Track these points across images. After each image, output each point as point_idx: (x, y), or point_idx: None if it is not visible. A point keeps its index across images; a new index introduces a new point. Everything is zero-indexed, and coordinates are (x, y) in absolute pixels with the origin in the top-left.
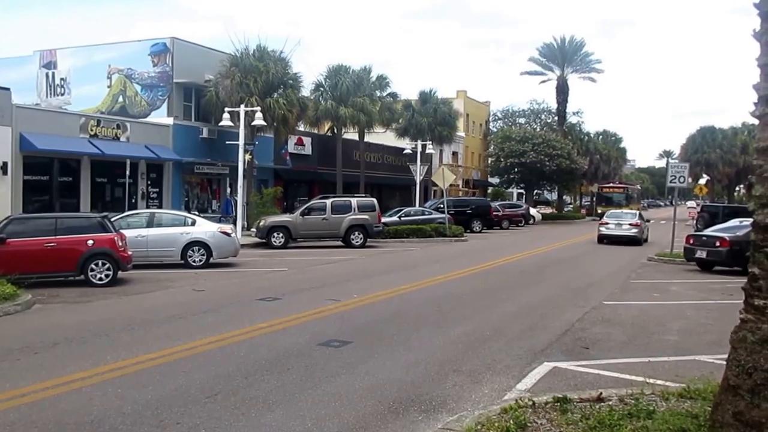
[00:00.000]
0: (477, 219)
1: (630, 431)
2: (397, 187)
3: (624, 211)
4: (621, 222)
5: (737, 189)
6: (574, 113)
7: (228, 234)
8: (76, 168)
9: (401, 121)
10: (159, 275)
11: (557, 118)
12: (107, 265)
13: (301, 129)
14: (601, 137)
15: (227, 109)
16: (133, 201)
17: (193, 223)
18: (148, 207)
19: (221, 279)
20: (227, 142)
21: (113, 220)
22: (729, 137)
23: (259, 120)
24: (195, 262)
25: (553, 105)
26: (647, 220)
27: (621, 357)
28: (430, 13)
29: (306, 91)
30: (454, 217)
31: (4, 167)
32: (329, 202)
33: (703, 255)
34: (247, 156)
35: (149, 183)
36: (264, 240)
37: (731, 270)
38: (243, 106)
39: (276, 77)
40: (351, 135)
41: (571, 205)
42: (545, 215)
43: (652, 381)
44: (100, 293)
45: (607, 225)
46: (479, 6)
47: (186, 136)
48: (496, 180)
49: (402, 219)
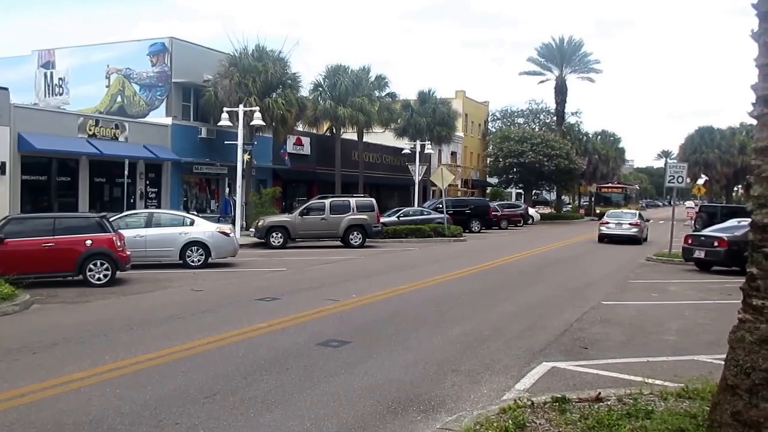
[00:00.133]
0: (476, 219)
1: (628, 431)
2: (396, 187)
3: (624, 211)
4: (621, 221)
5: (735, 189)
6: (572, 113)
7: (227, 234)
8: (74, 168)
9: (400, 121)
10: (157, 275)
11: (556, 118)
12: (106, 265)
13: (300, 129)
14: (600, 137)
15: (226, 109)
16: (132, 201)
17: (192, 223)
18: (146, 207)
19: (220, 279)
20: (226, 142)
21: (112, 220)
22: (727, 137)
23: (258, 120)
24: (193, 262)
25: (552, 105)
26: (647, 219)
27: (619, 357)
28: (428, 13)
29: (305, 91)
30: (452, 217)
31: (2, 167)
32: (328, 202)
33: (702, 255)
34: (246, 156)
35: (148, 183)
36: (263, 240)
37: (729, 270)
38: (242, 106)
39: (275, 77)
40: (350, 135)
41: (570, 205)
42: (544, 215)
43: (650, 381)
44: (98, 293)
45: (608, 224)
46: (478, 6)
47: (185, 136)
48: (494, 180)
49: (401, 219)
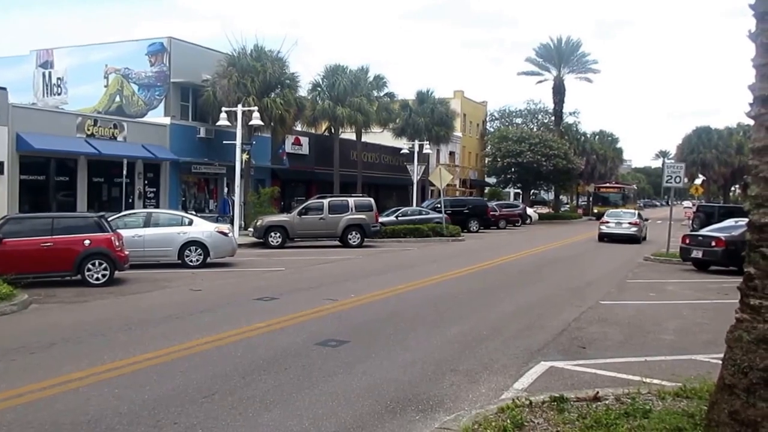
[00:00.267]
0: (474, 219)
1: (626, 430)
2: (395, 187)
3: (624, 211)
4: (621, 221)
5: (733, 189)
6: (570, 113)
7: (225, 234)
8: (72, 168)
9: (398, 121)
10: (156, 275)
11: (554, 118)
12: (104, 265)
13: (299, 129)
14: (598, 137)
15: (224, 109)
16: (130, 201)
17: (190, 223)
18: (145, 207)
19: (218, 279)
20: (224, 141)
21: (110, 219)
22: (724, 137)
23: (257, 120)
24: (192, 261)
25: (550, 105)
26: (645, 219)
27: (617, 356)
28: (428, 13)
29: (303, 91)
30: (451, 217)
31: (0, 167)
32: (326, 201)
33: (699, 255)
34: (245, 156)
35: (146, 183)
36: (261, 240)
37: (727, 270)
38: (240, 105)
39: (273, 77)
40: (348, 135)
41: (568, 205)
42: (542, 215)
43: (648, 380)
44: (96, 293)
45: (608, 224)
46: (477, 6)
47: (183, 135)
48: (493, 180)
49: (399, 219)
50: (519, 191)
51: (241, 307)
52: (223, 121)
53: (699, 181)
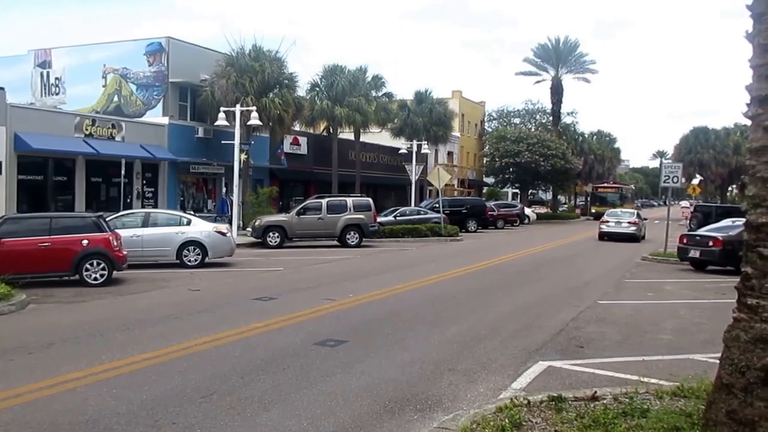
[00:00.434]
0: (472, 219)
1: (624, 430)
2: (393, 187)
3: (623, 210)
4: (620, 220)
5: (730, 189)
6: (568, 113)
7: (223, 234)
8: (71, 168)
9: (397, 121)
10: (154, 275)
11: (552, 118)
12: (102, 265)
13: (297, 129)
14: (596, 137)
15: (223, 109)
16: (129, 201)
17: (189, 223)
18: (143, 207)
19: (217, 279)
20: (223, 141)
21: (108, 219)
22: (722, 138)
23: (255, 120)
24: (190, 261)
25: (548, 105)
26: (644, 218)
27: (615, 356)
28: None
29: (302, 91)
30: (449, 217)
31: None
32: (325, 201)
33: (697, 254)
34: (243, 156)
35: (144, 182)
36: (259, 240)
37: (724, 269)
38: (239, 105)
39: (272, 77)
40: (347, 135)
41: (566, 205)
42: (540, 215)
43: (646, 380)
44: (94, 293)
45: (608, 223)
46: (477, 6)
47: (181, 135)
48: (491, 180)
49: (397, 219)
50: (517, 191)
51: (240, 307)
52: (222, 121)
53: (696, 181)
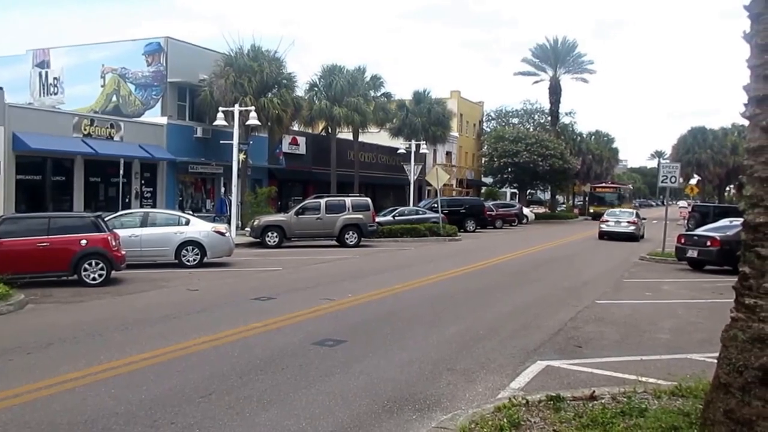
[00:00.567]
0: (471, 218)
1: (622, 429)
2: (391, 187)
3: (622, 210)
4: (620, 220)
5: (728, 189)
6: (566, 113)
7: (222, 233)
8: (69, 167)
9: (395, 121)
10: (153, 275)
11: (550, 118)
12: (101, 265)
13: (296, 129)
14: (594, 137)
15: (221, 109)
16: (127, 200)
17: (187, 223)
18: (141, 206)
19: (215, 278)
20: (221, 141)
21: (107, 219)
22: (719, 138)
23: (254, 120)
24: (189, 261)
25: (546, 105)
26: (643, 218)
27: (613, 355)
28: (426, 13)
29: (300, 91)
30: (447, 217)
31: None
32: (323, 201)
33: (694, 254)
34: (242, 155)
35: (143, 182)
36: (258, 239)
37: (722, 269)
38: (237, 105)
39: (270, 77)
40: (345, 135)
41: (564, 205)
42: (538, 215)
43: (644, 379)
44: (93, 293)
45: (607, 222)
46: (476, 6)
47: (180, 135)
48: (489, 180)
49: (396, 218)
50: (515, 191)
51: (238, 307)
52: (220, 121)
53: (694, 181)
